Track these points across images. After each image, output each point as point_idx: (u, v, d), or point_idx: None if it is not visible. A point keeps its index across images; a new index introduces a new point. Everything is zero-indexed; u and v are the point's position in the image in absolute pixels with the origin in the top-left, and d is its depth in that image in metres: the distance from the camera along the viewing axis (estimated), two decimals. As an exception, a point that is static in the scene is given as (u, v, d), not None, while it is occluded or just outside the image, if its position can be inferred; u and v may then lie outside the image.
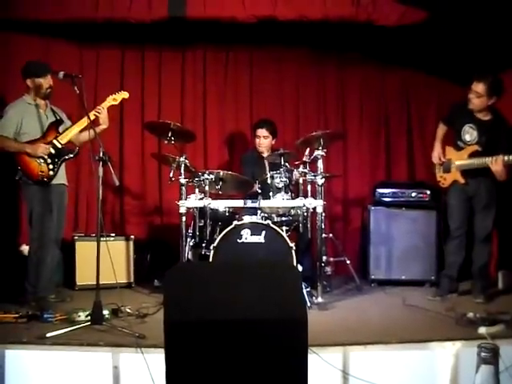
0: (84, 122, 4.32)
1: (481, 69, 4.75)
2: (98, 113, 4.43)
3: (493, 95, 4.48)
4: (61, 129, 4.43)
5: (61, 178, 4.45)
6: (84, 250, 4.92)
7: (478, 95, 4.49)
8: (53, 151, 4.32)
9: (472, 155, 4.56)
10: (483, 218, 4.64)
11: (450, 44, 5.40)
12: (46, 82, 4.37)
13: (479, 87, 4.46)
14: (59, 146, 4.34)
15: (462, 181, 4.64)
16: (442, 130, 4.88)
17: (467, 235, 4.75)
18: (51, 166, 4.31)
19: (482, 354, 3.06)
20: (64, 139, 4.36)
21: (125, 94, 4.65)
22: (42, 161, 4.28)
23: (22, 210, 4.84)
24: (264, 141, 5.40)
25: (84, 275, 4.84)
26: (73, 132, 4.40)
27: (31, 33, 5.37)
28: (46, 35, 5.46)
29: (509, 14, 4.70)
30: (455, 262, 4.74)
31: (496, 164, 4.33)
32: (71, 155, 4.42)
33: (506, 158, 4.30)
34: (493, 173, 4.43)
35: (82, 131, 4.45)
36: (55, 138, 4.35)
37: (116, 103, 4.60)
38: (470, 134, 4.61)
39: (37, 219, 4.33)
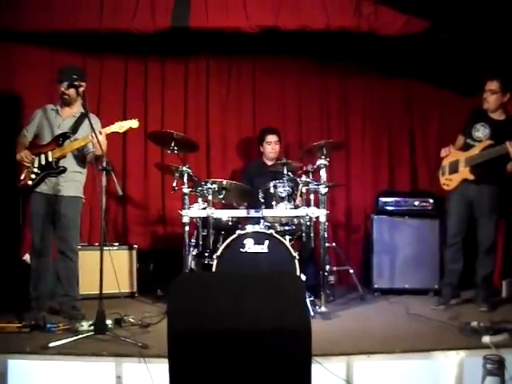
0: (78, 143, 4.24)
1: (483, 78, 4.75)
2: (92, 137, 4.03)
3: (507, 91, 4.52)
4: (66, 143, 4.28)
5: (69, 189, 4.33)
6: (87, 260, 4.91)
7: (493, 92, 4.51)
8: (43, 162, 4.23)
9: (485, 149, 4.51)
10: (485, 226, 4.60)
11: (452, 53, 5.41)
12: (60, 88, 4.30)
13: (493, 85, 4.50)
14: (50, 159, 4.22)
15: (471, 177, 4.55)
16: (459, 140, 4.81)
17: (468, 243, 4.70)
18: (33, 176, 4.22)
19: (488, 365, 3.04)
20: (57, 153, 4.23)
21: (134, 124, 4.31)
22: (30, 169, 4.23)
23: (26, 219, 4.80)
24: (275, 146, 5.50)
25: (87, 285, 4.82)
26: (67, 150, 4.25)
27: (36, 44, 5.41)
28: (50, 46, 5.49)
29: (509, 23, 4.72)
30: (454, 270, 4.70)
31: None
32: (54, 171, 4.24)
33: None
34: (497, 177, 4.46)
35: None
36: (52, 150, 4.25)
37: (121, 131, 4.29)
38: (481, 131, 4.58)
39: (32, 228, 4.33)
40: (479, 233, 4.65)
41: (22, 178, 4.27)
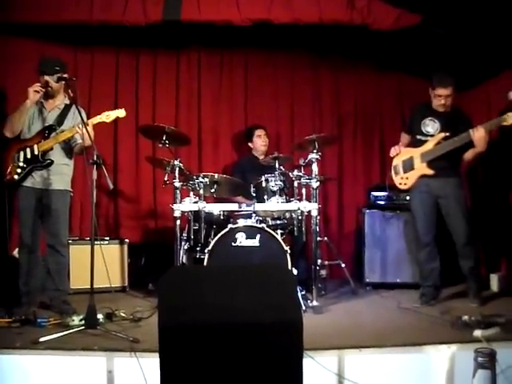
0: (64, 135, 4.16)
1: (472, 73, 4.75)
2: (79, 128, 4.02)
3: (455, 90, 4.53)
4: (52, 135, 4.21)
5: (58, 183, 4.28)
6: (78, 254, 4.90)
7: (449, 96, 4.48)
8: (28, 156, 4.16)
9: (440, 143, 4.47)
10: (456, 218, 4.50)
11: (445, 48, 5.41)
12: (43, 80, 4.21)
13: (449, 90, 4.46)
14: (36, 152, 4.15)
15: (430, 172, 4.51)
16: (404, 138, 4.82)
17: (444, 240, 4.65)
18: (19, 170, 4.15)
19: (479, 358, 3.04)
20: (43, 146, 4.15)
21: (121, 113, 4.26)
22: (16, 164, 4.16)
23: (13, 213, 4.74)
24: (265, 138, 5.61)
25: (78, 279, 4.82)
26: (53, 142, 4.17)
27: (26, 36, 5.35)
28: (41, 38, 5.44)
29: (502, 18, 4.72)
30: (434, 269, 4.61)
31: (478, 132, 4.26)
32: (41, 164, 4.17)
33: (486, 124, 4.27)
34: (456, 168, 4.49)
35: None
36: (37, 143, 4.18)
37: (108, 121, 4.22)
38: (431, 125, 4.54)
39: (20, 222, 4.28)
40: (452, 227, 4.54)
41: (7, 172, 4.18)
